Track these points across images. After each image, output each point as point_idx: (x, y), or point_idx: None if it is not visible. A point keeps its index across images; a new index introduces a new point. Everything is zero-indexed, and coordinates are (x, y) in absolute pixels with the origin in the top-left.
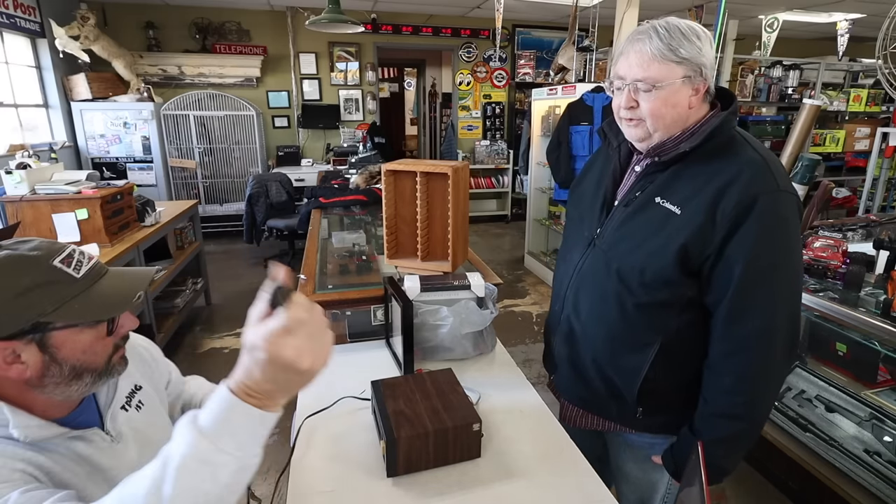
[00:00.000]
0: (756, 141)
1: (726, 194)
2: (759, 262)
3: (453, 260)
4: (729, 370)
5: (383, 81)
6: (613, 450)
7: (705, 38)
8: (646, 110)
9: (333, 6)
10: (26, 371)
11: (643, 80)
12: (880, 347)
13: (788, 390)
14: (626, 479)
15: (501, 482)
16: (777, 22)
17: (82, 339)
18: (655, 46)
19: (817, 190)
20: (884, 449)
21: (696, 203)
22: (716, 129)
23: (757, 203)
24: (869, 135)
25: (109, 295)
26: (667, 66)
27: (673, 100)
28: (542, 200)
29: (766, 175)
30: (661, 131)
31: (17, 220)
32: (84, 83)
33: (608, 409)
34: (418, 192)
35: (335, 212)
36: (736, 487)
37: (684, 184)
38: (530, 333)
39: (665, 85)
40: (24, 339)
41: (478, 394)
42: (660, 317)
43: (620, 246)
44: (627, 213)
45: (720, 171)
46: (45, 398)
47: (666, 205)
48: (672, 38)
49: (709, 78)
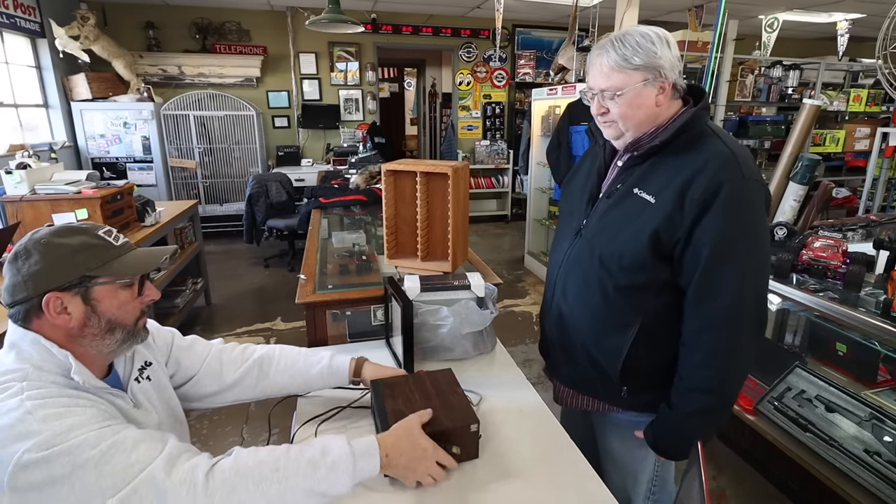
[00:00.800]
0: (726, 134)
1: (694, 182)
2: (725, 243)
3: (453, 260)
4: (700, 346)
5: (383, 81)
6: (600, 431)
7: (661, 42)
8: (615, 114)
9: (333, 6)
10: (70, 321)
11: (607, 90)
12: (880, 347)
13: (788, 390)
14: (612, 461)
15: (501, 482)
16: (777, 22)
17: (118, 296)
18: (612, 58)
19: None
20: (884, 449)
21: (668, 192)
22: (686, 124)
23: (722, 189)
24: (869, 135)
25: (140, 259)
26: (625, 73)
27: (637, 102)
28: (542, 200)
29: (733, 165)
30: (632, 130)
31: (17, 220)
32: (84, 83)
33: (595, 388)
34: (418, 192)
35: (335, 212)
36: (736, 487)
37: (659, 175)
38: (530, 333)
39: (627, 91)
40: (72, 292)
41: (479, 395)
42: (638, 299)
43: (602, 234)
44: (609, 204)
45: (690, 162)
46: (83, 352)
47: (642, 195)
48: (626, 48)
49: (670, 77)
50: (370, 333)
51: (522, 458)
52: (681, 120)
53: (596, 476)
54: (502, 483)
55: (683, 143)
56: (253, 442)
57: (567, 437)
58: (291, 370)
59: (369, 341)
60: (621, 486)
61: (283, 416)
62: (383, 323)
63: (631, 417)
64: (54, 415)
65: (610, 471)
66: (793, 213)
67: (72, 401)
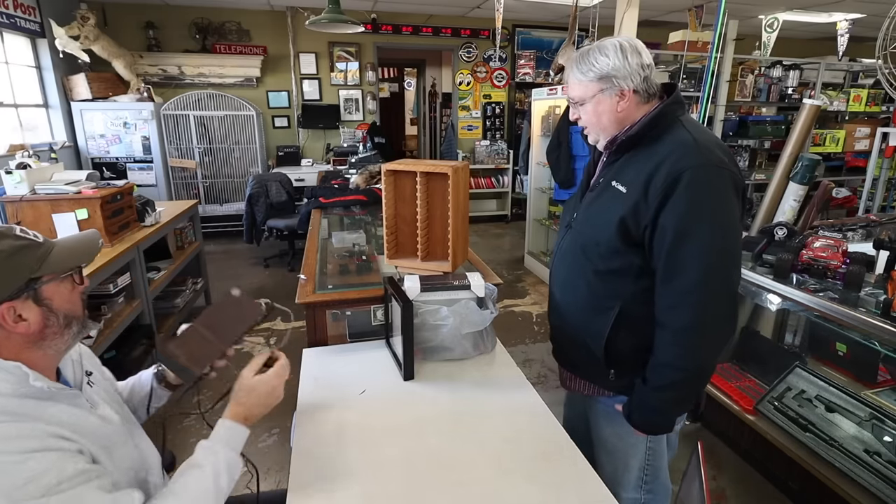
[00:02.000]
0: (695, 125)
1: (657, 172)
2: (686, 225)
3: (453, 260)
4: (669, 323)
5: (383, 81)
6: (594, 419)
7: (617, 53)
8: (584, 120)
9: (333, 6)
10: (30, 327)
11: (574, 100)
12: (880, 347)
13: (788, 390)
14: (603, 447)
15: (501, 482)
16: (777, 22)
17: (64, 288)
18: (574, 72)
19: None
20: (884, 449)
21: (637, 182)
22: (654, 119)
23: (683, 175)
24: (869, 135)
25: (72, 250)
26: (582, 85)
27: (598, 109)
28: (542, 200)
29: (693, 152)
30: (602, 133)
31: (16, 220)
32: (84, 83)
33: (588, 371)
34: (418, 192)
35: (335, 212)
36: (736, 487)
37: (631, 167)
38: (530, 333)
39: (587, 100)
40: (22, 298)
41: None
42: (616, 283)
43: (585, 224)
44: (592, 197)
45: (657, 152)
46: (42, 354)
47: (618, 186)
48: (583, 63)
49: (627, 84)
50: (370, 333)
51: (524, 457)
52: (649, 115)
53: (596, 476)
54: (502, 483)
55: (654, 136)
56: (253, 442)
57: (567, 437)
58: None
59: (369, 341)
60: (612, 474)
61: (283, 416)
62: (383, 323)
63: (620, 401)
64: (10, 462)
65: (602, 459)
66: (793, 213)
67: (27, 441)
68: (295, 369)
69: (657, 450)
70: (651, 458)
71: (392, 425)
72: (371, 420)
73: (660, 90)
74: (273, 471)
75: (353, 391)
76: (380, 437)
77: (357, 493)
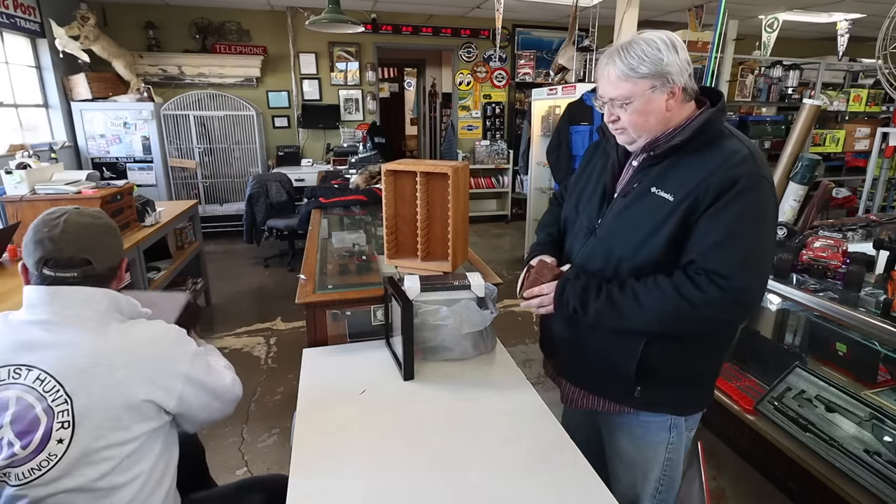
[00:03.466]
0: (742, 135)
1: (712, 177)
2: (736, 226)
3: (453, 260)
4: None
5: (383, 81)
6: (609, 431)
7: (668, 47)
8: (626, 122)
9: (333, 6)
10: (125, 281)
11: (616, 98)
12: (880, 347)
13: (788, 390)
14: (620, 460)
15: (501, 482)
16: (777, 22)
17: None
18: (619, 69)
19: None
20: (884, 449)
21: (686, 188)
22: (704, 125)
23: (739, 182)
24: (869, 135)
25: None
26: (632, 83)
27: (647, 108)
28: (542, 200)
29: (750, 162)
30: (644, 135)
31: (17, 220)
32: (84, 83)
33: (608, 388)
34: (418, 192)
35: (335, 212)
36: (736, 487)
37: (677, 174)
38: (530, 333)
39: (635, 99)
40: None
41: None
42: None
43: (618, 232)
44: (626, 203)
45: (709, 160)
46: None
47: (661, 193)
48: (631, 57)
49: (678, 81)
50: (370, 333)
51: (522, 458)
52: (699, 121)
53: (596, 476)
54: (502, 483)
55: (702, 143)
56: (253, 442)
57: (567, 437)
58: None
59: (369, 341)
60: (630, 486)
61: (283, 416)
62: (383, 323)
63: (642, 418)
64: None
65: (619, 470)
66: (793, 213)
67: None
68: (295, 369)
69: (675, 460)
70: (668, 470)
71: (392, 425)
72: (371, 420)
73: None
74: (273, 471)
75: (353, 391)
76: (380, 437)
77: (357, 492)
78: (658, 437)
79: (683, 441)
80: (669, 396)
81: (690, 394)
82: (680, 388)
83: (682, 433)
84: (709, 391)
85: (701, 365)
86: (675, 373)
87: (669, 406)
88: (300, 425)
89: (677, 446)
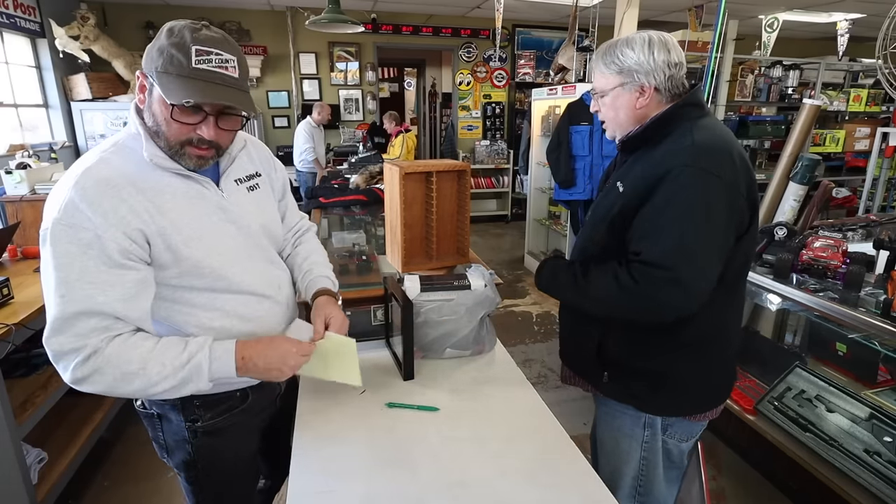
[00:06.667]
0: (708, 131)
1: (653, 169)
2: (658, 213)
3: (453, 260)
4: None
5: (383, 81)
6: (596, 415)
7: (643, 48)
8: (602, 113)
9: (333, 6)
10: (143, 100)
11: (594, 90)
12: (880, 347)
13: (788, 390)
14: (601, 448)
15: (501, 482)
16: (777, 22)
17: (167, 109)
18: (598, 63)
19: (817, 190)
20: (884, 449)
21: (634, 181)
22: (660, 120)
23: (669, 174)
24: (869, 135)
25: (198, 91)
26: (604, 77)
27: (616, 104)
28: (542, 200)
29: (688, 154)
30: (617, 129)
31: (17, 219)
32: (84, 83)
33: (584, 369)
34: (422, 193)
35: (335, 212)
36: (736, 487)
37: (636, 168)
38: (530, 333)
39: (606, 92)
40: (148, 79)
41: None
42: None
43: (588, 225)
44: (597, 198)
45: (659, 153)
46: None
47: (619, 186)
48: (608, 55)
49: (648, 81)
50: (370, 333)
51: (524, 457)
52: (657, 115)
53: (596, 476)
54: (503, 483)
55: (660, 137)
56: None
57: (567, 437)
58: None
59: (369, 341)
60: (609, 476)
61: None
62: (383, 323)
63: (615, 407)
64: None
65: (601, 459)
66: (793, 213)
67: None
68: None
69: (651, 462)
70: (645, 470)
71: (392, 425)
72: (371, 420)
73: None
74: None
75: (353, 392)
76: (380, 437)
77: (357, 493)
78: (632, 432)
79: (659, 444)
80: (636, 389)
81: (657, 392)
82: (643, 382)
83: (656, 434)
84: (689, 398)
85: (664, 363)
86: (638, 366)
87: (636, 399)
88: (300, 426)
89: (652, 446)
